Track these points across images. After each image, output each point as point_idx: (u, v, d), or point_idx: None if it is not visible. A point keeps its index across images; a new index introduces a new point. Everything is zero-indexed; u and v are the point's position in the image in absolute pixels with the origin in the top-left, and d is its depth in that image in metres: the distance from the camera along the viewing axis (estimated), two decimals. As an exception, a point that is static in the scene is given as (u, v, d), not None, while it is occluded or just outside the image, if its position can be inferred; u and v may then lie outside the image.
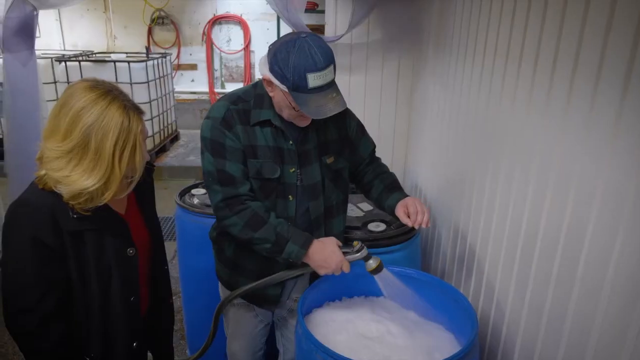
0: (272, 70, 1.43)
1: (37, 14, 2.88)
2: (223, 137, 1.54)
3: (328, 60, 1.40)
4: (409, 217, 1.63)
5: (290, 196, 1.61)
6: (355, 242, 1.53)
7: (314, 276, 1.75)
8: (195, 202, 2.33)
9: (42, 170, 1.22)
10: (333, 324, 1.57)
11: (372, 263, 1.52)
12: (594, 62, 1.12)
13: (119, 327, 1.35)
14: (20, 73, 2.91)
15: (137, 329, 1.42)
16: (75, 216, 1.22)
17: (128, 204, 1.43)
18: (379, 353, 1.43)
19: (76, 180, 1.16)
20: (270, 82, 1.46)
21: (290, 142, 1.58)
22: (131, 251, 1.36)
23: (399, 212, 1.67)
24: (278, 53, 1.41)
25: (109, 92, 1.20)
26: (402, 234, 2.03)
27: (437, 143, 2.48)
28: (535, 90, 1.42)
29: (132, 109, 1.22)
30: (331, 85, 1.43)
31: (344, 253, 1.52)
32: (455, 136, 2.17)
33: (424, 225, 1.63)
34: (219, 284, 1.88)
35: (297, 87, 1.39)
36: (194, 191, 2.44)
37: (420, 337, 1.53)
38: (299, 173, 1.61)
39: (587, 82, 1.16)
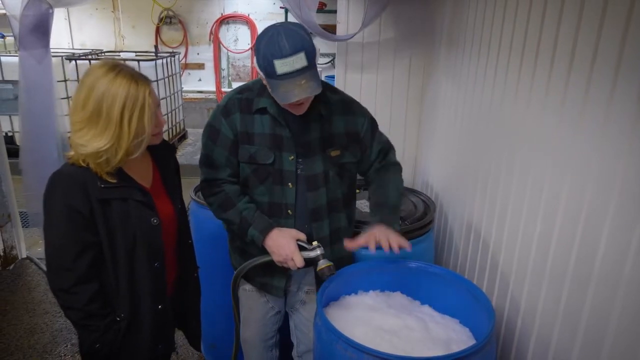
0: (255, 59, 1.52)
1: (52, 12, 2.91)
2: (219, 124, 1.65)
3: (295, 47, 1.42)
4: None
5: (289, 184, 1.66)
6: (313, 242, 1.61)
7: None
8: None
9: (71, 151, 1.37)
10: (350, 317, 1.59)
11: (322, 264, 1.57)
12: (612, 57, 1.13)
13: (144, 290, 1.48)
14: (36, 70, 2.94)
15: (161, 292, 1.54)
16: (102, 186, 1.36)
17: (153, 181, 1.55)
18: (397, 346, 1.45)
19: (91, 142, 1.31)
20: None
21: (288, 130, 1.62)
22: (155, 220, 1.47)
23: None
24: (257, 43, 1.50)
25: (116, 66, 1.36)
26: (415, 229, 2.05)
27: (448, 140, 2.50)
28: (551, 86, 1.43)
29: (138, 77, 1.36)
30: (302, 72, 1.44)
31: (301, 248, 1.59)
32: (468, 133, 2.19)
33: (386, 251, 1.58)
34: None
35: (268, 74, 1.46)
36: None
37: (437, 331, 1.54)
38: (299, 162, 1.65)
39: (604, 78, 1.17)
